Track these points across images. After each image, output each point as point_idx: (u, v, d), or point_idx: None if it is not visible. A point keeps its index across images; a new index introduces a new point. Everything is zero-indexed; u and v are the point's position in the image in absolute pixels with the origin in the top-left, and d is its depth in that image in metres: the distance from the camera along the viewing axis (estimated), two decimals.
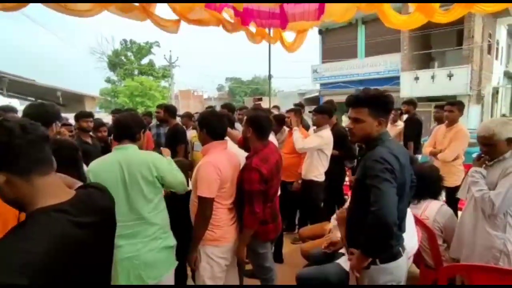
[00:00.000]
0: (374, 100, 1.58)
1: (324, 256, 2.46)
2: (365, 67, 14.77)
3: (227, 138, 2.62)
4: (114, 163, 1.72)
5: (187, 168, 2.53)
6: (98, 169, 1.72)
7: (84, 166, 2.94)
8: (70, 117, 5.09)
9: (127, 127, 1.83)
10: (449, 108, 3.50)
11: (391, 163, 1.44)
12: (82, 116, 3.57)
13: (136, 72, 29.17)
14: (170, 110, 4.52)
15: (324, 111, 3.56)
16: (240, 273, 2.81)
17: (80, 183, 1.09)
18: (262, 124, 2.09)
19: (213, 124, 2.01)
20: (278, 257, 3.21)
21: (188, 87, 37.10)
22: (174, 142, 4.25)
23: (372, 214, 1.39)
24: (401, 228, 1.62)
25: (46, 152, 0.86)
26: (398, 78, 13.54)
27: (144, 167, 1.73)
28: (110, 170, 1.71)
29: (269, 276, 2.28)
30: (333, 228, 2.16)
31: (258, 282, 2.36)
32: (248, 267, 2.66)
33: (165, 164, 1.86)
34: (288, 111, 3.99)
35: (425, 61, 13.98)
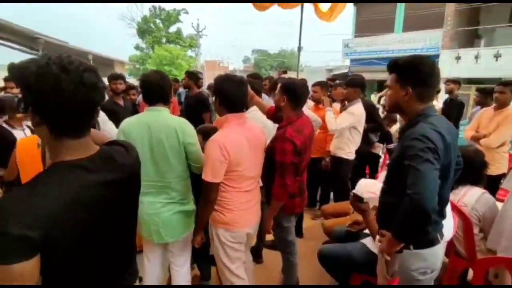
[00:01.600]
0: (405, 65, 1.41)
1: (347, 235, 2.42)
2: (401, 43, 13.67)
3: (254, 108, 2.50)
4: (143, 124, 1.70)
5: (213, 133, 2.45)
6: (128, 129, 1.71)
7: (113, 126, 2.96)
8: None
9: (161, 89, 1.74)
10: (501, 89, 3.15)
11: (434, 141, 1.26)
12: (112, 78, 3.69)
13: (164, 40, 29.13)
14: (192, 77, 4.33)
15: (357, 84, 3.32)
16: (258, 244, 2.82)
17: (110, 138, 1.05)
18: (297, 92, 1.94)
19: (228, 93, 1.68)
20: (298, 231, 3.21)
21: (214, 58, 36.83)
22: (197, 109, 4.18)
23: (409, 198, 1.22)
24: (443, 214, 1.49)
25: (91, 117, 0.83)
26: (437, 56, 12.50)
27: (171, 131, 1.69)
28: (139, 130, 1.69)
29: (290, 250, 2.25)
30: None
31: (278, 254, 2.35)
32: (269, 237, 2.66)
33: (193, 131, 1.80)
34: (314, 85, 3.80)
35: (469, 39, 12.78)
